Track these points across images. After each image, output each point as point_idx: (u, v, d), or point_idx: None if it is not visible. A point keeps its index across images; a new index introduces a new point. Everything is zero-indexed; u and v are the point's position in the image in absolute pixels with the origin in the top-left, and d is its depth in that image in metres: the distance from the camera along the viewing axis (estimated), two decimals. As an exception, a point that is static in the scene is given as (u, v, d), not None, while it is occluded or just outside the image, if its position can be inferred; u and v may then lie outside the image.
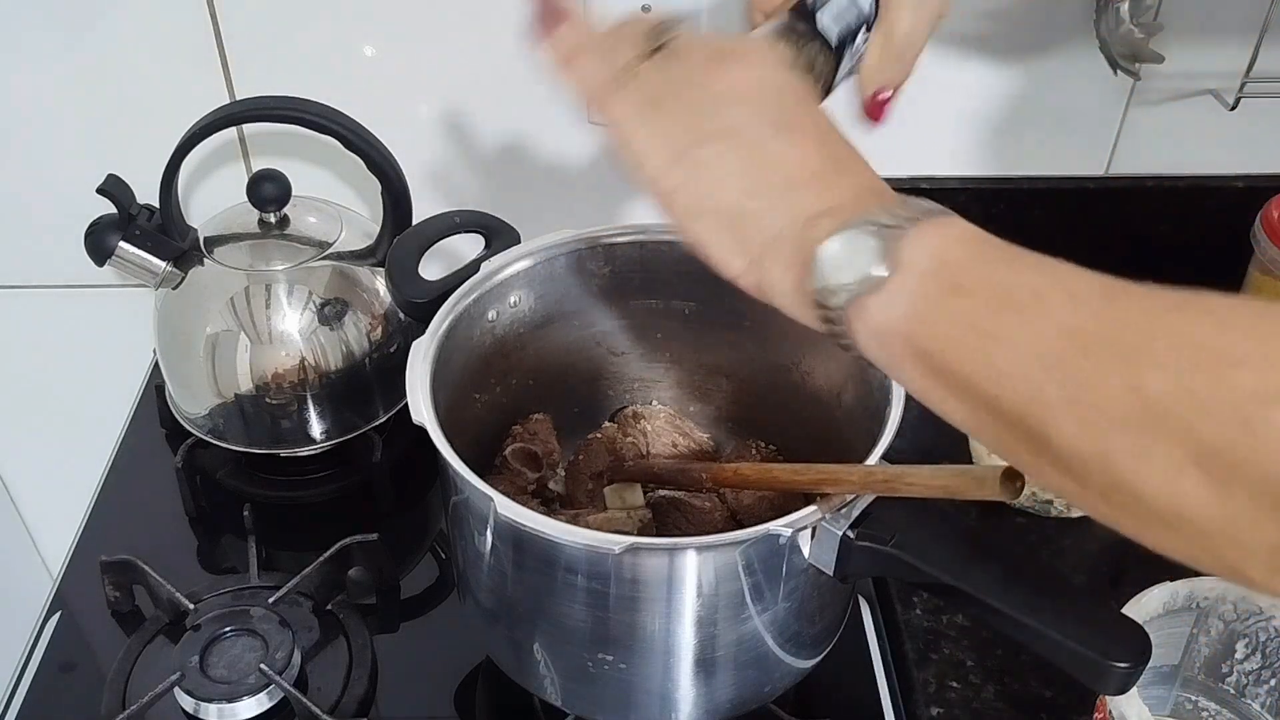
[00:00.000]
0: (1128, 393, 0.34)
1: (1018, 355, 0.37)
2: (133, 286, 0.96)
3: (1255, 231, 0.86)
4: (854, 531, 0.55)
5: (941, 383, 0.41)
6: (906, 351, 0.41)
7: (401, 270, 0.71)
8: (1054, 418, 0.36)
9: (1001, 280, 0.40)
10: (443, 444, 0.58)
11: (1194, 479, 0.32)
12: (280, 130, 0.80)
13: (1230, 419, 0.31)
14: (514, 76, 0.89)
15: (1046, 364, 0.36)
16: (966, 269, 0.40)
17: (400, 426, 0.86)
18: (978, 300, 0.39)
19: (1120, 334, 0.35)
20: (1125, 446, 0.34)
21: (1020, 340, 0.38)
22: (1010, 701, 0.70)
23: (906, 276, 0.41)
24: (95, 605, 0.78)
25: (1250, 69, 0.83)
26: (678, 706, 0.63)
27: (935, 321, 0.40)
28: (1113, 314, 0.36)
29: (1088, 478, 0.36)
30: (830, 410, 0.71)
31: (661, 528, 0.73)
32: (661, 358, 0.80)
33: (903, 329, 0.41)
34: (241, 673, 0.70)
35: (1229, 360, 0.32)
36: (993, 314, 0.39)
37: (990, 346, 0.38)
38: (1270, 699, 0.66)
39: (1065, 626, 0.50)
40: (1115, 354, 0.35)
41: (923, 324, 0.40)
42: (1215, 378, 0.32)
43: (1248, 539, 0.32)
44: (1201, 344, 0.33)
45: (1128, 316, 0.36)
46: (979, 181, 0.94)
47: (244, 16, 0.86)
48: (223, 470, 0.88)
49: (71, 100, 0.90)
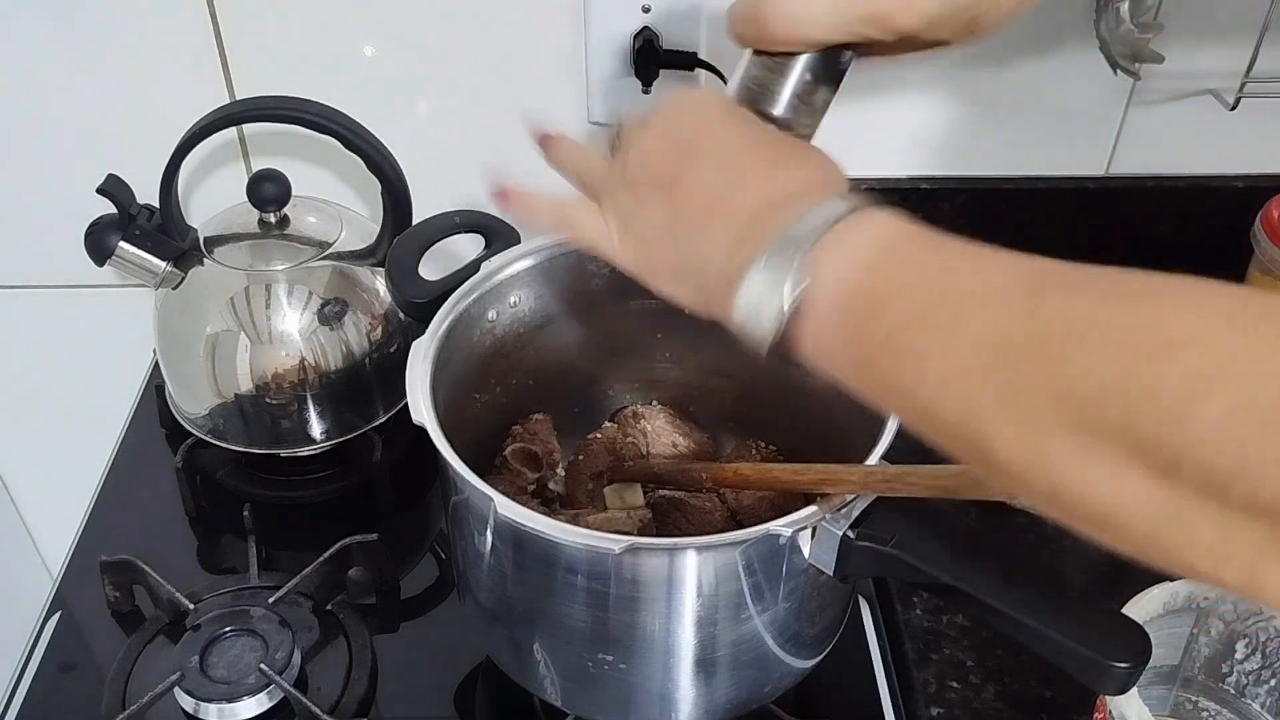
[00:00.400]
0: (1059, 398, 0.33)
1: (947, 370, 0.37)
2: (133, 286, 0.96)
3: (1255, 231, 0.86)
4: (854, 531, 0.55)
5: (885, 398, 0.41)
6: (844, 370, 0.42)
7: (401, 270, 0.71)
8: (991, 427, 0.36)
9: (919, 291, 0.40)
10: (443, 444, 0.58)
11: (1137, 477, 0.32)
12: (280, 130, 0.80)
13: (1169, 407, 0.31)
14: (514, 76, 0.89)
15: (977, 376, 0.36)
16: (882, 285, 0.41)
17: (400, 426, 0.86)
18: (899, 319, 0.40)
19: (1048, 333, 0.35)
20: (1064, 450, 0.33)
21: (947, 355, 0.37)
22: (1010, 701, 0.70)
23: (822, 308, 0.42)
24: (95, 605, 0.78)
25: (1250, 69, 0.83)
26: (678, 707, 0.63)
27: (862, 344, 0.41)
28: (1040, 312, 0.36)
29: (1031, 483, 0.35)
30: (830, 410, 0.71)
31: (661, 528, 0.73)
32: (661, 358, 0.80)
33: (836, 356, 0.42)
34: (241, 673, 0.70)
35: (1164, 345, 0.32)
36: (916, 332, 0.39)
37: (919, 364, 0.38)
38: (1270, 699, 0.66)
39: (1065, 626, 0.50)
40: (1045, 356, 0.34)
41: (850, 346, 0.41)
42: (1148, 368, 0.32)
43: (1193, 532, 0.31)
44: (1133, 332, 0.33)
45: (1055, 313, 0.35)
46: (979, 182, 0.94)
47: (244, 16, 0.86)
48: (223, 470, 0.88)
49: (71, 100, 0.90)
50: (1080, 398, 0.33)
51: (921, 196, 0.93)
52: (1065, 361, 0.34)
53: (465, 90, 0.90)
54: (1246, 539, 0.30)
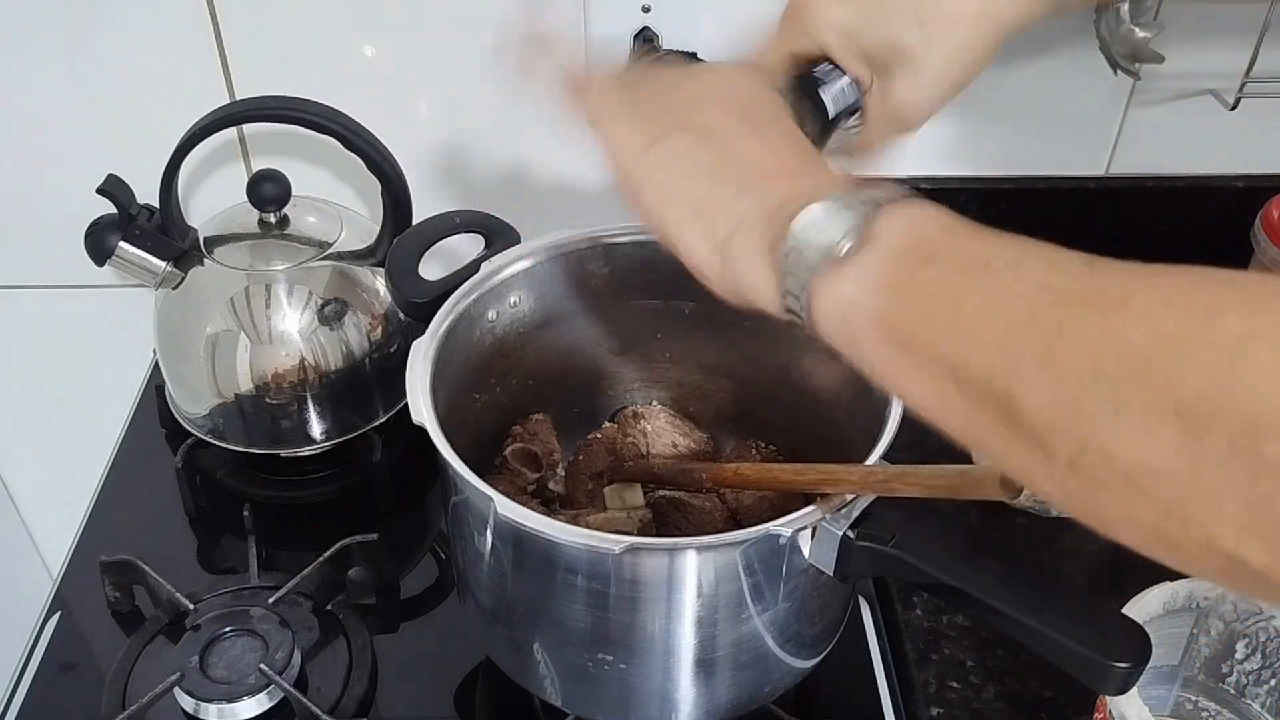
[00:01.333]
0: (1105, 342, 0.33)
1: (989, 314, 0.37)
2: (133, 286, 0.96)
3: (1255, 231, 0.86)
4: (854, 531, 0.55)
5: (906, 355, 0.40)
6: (870, 325, 0.41)
7: (401, 270, 0.71)
8: (1024, 376, 0.35)
9: (976, 248, 0.39)
10: (443, 444, 0.58)
11: (1169, 429, 0.31)
12: (280, 130, 0.80)
13: (1214, 360, 0.31)
14: (514, 76, 0.89)
15: (1020, 321, 0.36)
16: (939, 242, 0.40)
17: (400, 426, 0.86)
18: (950, 266, 0.39)
19: (1099, 290, 0.35)
20: (1099, 399, 0.33)
21: (993, 299, 0.37)
22: (1010, 701, 0.70)
23: (879, 249, 0.41)
24: (95, 605, 0.78)
25: (1250, 69, 0.83)
26: (678, 707, 0.63)
27: (905, 290, 0.40)
28: (1091, 275, 0.36)
29: (1055, 444, 0.35)
30: (830, 410, 0.71)
31: (661, 528, 0.73)
32: (661, 358, 0.80)
33: (869, 301, 0.41)
34: (241, 673, 0.70)
35: (1212, 307, 0.32)
36: (965, 277, 0.38)
37: (960, 308, 0.38)
38: (1270, 699, 0.66)
39: (1065, 626, 0.50)
40: (1093, 308, 0.34)
41: (892, 293, 0.40)
42: (1198, 322, 0.32)
43: (1221, 495, 0.31)
44: (1183, 297, 0.33)
45: (1107, 277, 0.35)
46: (979, 181, 0.94)
47: (244, 16, 0.86)
48: (223, 470, 0.88)
49: (71, 100, 0.90)
50: (1124, 346, 0.33)
51: (921, 196, 0.93)
52: (1114, 313, 0.33)
53: (465, 90, 0.90)
54: (1274, 508, 0.30)
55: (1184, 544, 0.33)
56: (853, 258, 0.41)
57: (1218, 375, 0.30)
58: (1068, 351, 0.34)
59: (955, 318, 0.38)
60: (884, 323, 0.40)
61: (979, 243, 0.40)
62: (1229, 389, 0.30)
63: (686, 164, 0.48)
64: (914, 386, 0.40)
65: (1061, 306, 0.35)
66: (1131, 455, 0.32)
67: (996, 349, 0.36)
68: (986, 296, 0.37)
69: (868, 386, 0.65)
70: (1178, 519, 0.32)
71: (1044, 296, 0.36)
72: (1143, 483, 0.32)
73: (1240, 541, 0.31)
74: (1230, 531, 0.31)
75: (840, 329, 0.42)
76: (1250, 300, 0.32)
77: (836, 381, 0.70)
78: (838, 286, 0.41)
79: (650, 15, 0.84)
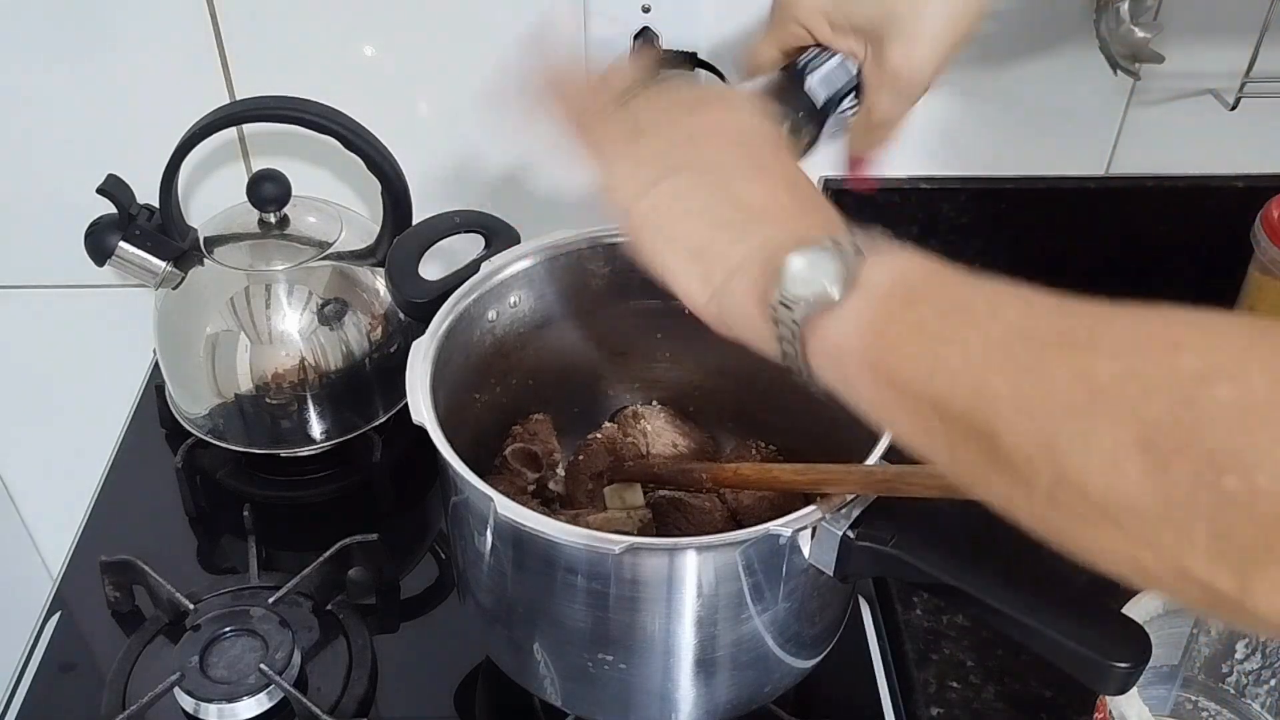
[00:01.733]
0: (1075, 380, 0.35)
1: (968, 354, 0.38)
2: (133, 286, 0.96)
3: (1255, 231, 0.86)
4: (854, 531, 0.55)
5: (892, 393, 0.41)
6: (859, 366, 0.42)
7: (401, 270, 0.71)
8: (1001, 412, 0.37)
9: (956, 293, 0.41)
10: (443, 444, 0.58)
11: (1136, 463, 0.33)
12: (280, 130, 0.80)
13: (1174, 397, 0.32)
14: (514, 76, 0.89)
15: (996, 360, 0.37)
16: (923, 286, 0.42)
17: (400, 426, 0.86)
18: (932, 309, 0.41)
19: (1070, 330, 0.37)
20: (1071, 434, 0.34)
21: (971, 340, 0.39)
22: (1010, 702, 0.70)
23: (865, 295, 0.42)
24: (95, 605, 0.78)
25: (1250, 69, 0.83)
26: (678, 707, 0.63)
27: (889, 332, 0.41)
28: (1063, 315, 0.37)
29: (1033, 477, 0.36)
30: (830, 410, 0.70)
31: (661, 528, 0.73)
32: (661, 358, 0.80)
33: (856, 344, 0.42)
34: (241, 673, 0.70)
35: (1175, 345, 0.33)
36: (946, 320, 0.40)
37: (941, 349, 0.39)
38: (1270, 699, 0.66)
39: (1065, 626, 0.50)
40: (1064, 347, 0.36)
41: (877, 336, 0.42)
42: (1161, 361, 0.33)
43: (1187, 522, 0.32)
44: (1147, 336, 0.34)
45: (1078, 317, 0.37)
46: (979, 181, 0.94)
47: (244, 16, 0.86)
48: (223, 470, 0.88)
49: (71, 100, 0.90)
50: (1093, 383, 0.34)
51: (922, 196, 0.93)
52: (1084, 352, 0.35)
53: (465, 90, 0.90)
54: (1240, 538, 0.31)
55: (1158, 573, 0.34)
56: (841, 304, 0.42)
57: (1179, 411, 0.32)
58: (1041, 389, 0.36)
59: (937, 358, 0.39)
60: (872, 364, 0.42)
61: (960, 287, 0.41)
62: (1189, 424, 0.32)
63: (684, 207, 0.49)
64: (904, 424, 0.42)
65: (1035, 347, 0.37)
66: (1103, 488, 0.34)
67: (976, 387, 0.38)
68: (966, 338, 0.39)
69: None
70: (1150, 549, 0.33)
71: (1019, 337, 0.37)
72: (1115, 515, 0.34)
73: (1210, 570, 0.32)
74: (1200, 561, 0.32)
75: (833, 372, 0.44)
76: (1209, 338, 0.33)
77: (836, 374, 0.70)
78: (828, 333, 0.43)
79: (650, 15, 0.84)
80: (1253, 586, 0.31)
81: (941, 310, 0.40)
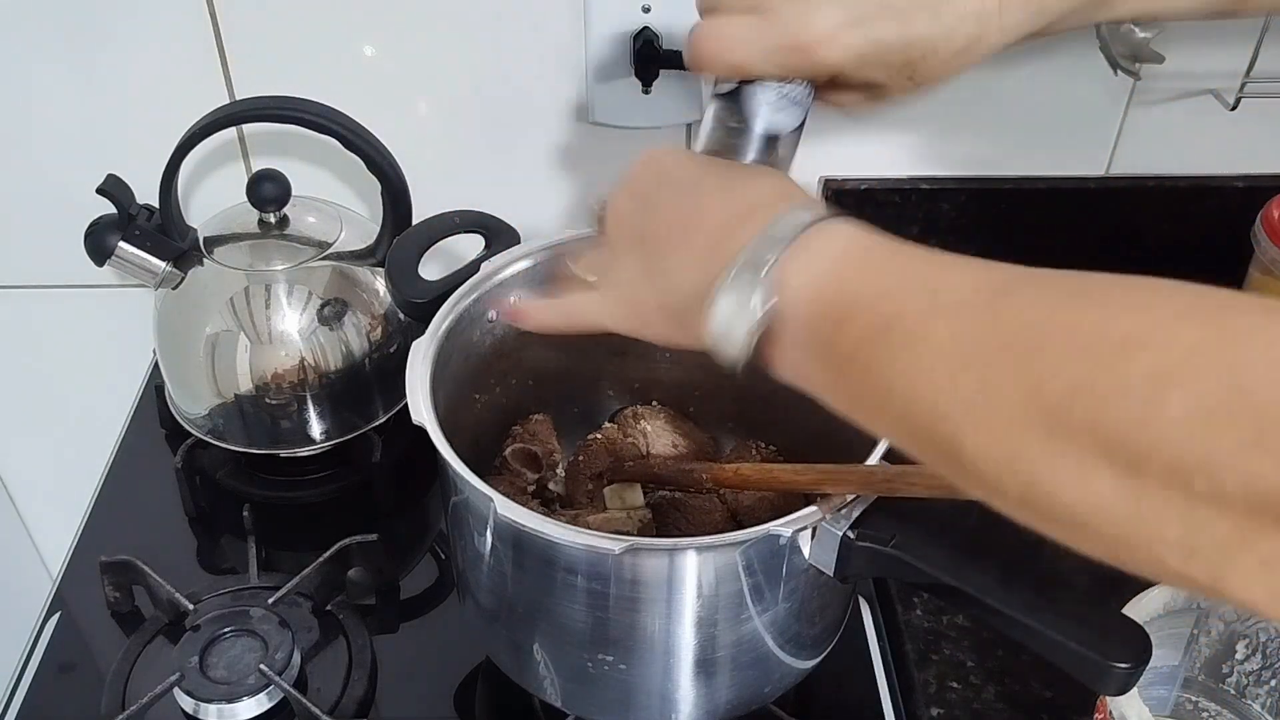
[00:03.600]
0: (1028, 397, 0.34)
1: (914, 378, 0.38)
2: (133, 286, 0.96)
3: (1255, 231, 0.86)
4: (854, 532, 0.55)
5: (857, 409, 0.42)
6: (818, 386, 0.43)
7: (401, 270, 0.71)
8: (961, 427, 0.36)
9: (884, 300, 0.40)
10: (443, 444, 0.58)
11: (1105, 475, 0.32)
12: (280, 130, 0.80)
13: (1131, 406, 0.31)
14: (514, 76, 0.89)
15: (944, 381, 0.37)
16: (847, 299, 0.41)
17: (400, 426, 0.86)
18: (864, 332, 0.40)
19: (1012, 337, 0.35)
20: (1034, 451, 0.34)
21: (914, 363, 0.38)
22: (1010, 702, 0.70)
23: (790, 325, 0.43)
24: (95, 605, 0.78)
25: (1250, 69, 0.83)
26: (678, 707, 0.63)
27: (830, 358, 0.42)
28: (1003, 317, 0.36)
29: (1003, 488, 0.36)
30: (830, 410, 0.71)
31: (661, 528, 0.73)
32: (661, 358, 0.80)
33: (806, 370, 0.43)
34: (241, 673, 0.70)
35: (1125, 345, 0.32)
36: (881, 344, 0.39)
37: (886, 374, 0.39)
38: (1271, 699, 0.66)
39: (1065, 626, 0.50)
40: (1009, 360, 0.35)
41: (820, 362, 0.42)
42: (1112, 367, 0.32)
43: (1161, 529, 0.32)
44: (1096, 334, 0.33)
45: (1018, 317, 0.36)
46: (980, 181, 0.94)
47: (244, 16, 0.86)
48: (223, 470, 0.88)
49: (71, 100, 0.89)
50: (1047, 399, 0.33)
51: (921, 196, 0.93)
52: (1030, 364, 0.34)
53: (465, 90, 0.90)
54: (1212, 533, 0.31)
55: (1136, 566, 0.34)
56: (772, 342, 0.44)
57: (1134, 427, 0.31)
58: (994, 408, 0.35)
59: (884, 382, 0.39)
60: (824, 388, 0.43)
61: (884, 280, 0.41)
62: (1150, 432, 0.31)
63: (631, 279, 0.52)
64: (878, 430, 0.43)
65: (978, 364, 0.36)
66: (1072, 500, 0.33)
67: (929, 407, 0.37)
68: (906, 364, 0.38)
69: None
70: (1125, 549, 0.33)
71: (958, 356, 0.36)
72: (1088, 520, 0.34)
73: (1185, 563, 0.32)
74: (1175, 556, 0.32)
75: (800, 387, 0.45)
76: (1163, 331, 0.32)
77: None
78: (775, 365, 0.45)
79: (650, 15, 0.84)
80: (1227, 577, 0.31)
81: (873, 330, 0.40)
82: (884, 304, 0.40)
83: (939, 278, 0.39)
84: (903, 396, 0.38)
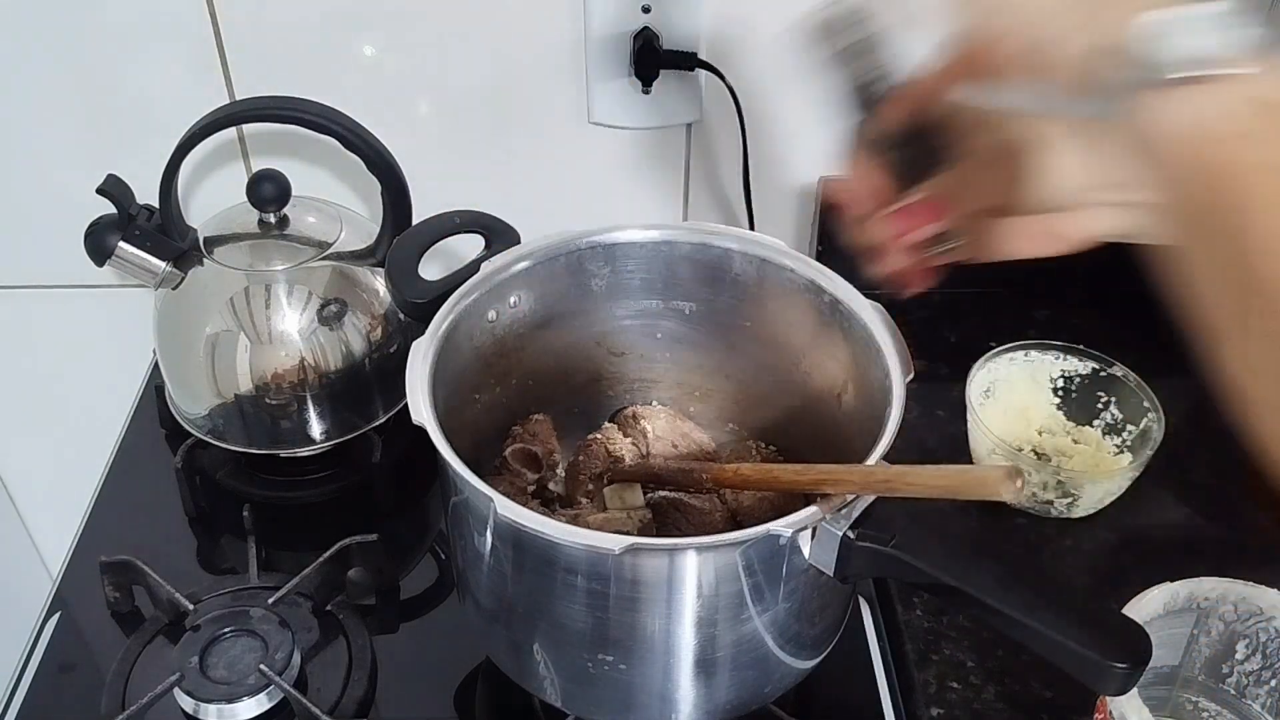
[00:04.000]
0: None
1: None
2: (133, 286, 0.96)
3: (1256, 231, 0.86)
4: (854, 532, 0.55)
5: (1198, 212, 0.36)
6: (1192, 161, 0.37)
7: (401, 270, 0.71)
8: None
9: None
10: (443, 444, 0.58)
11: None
12: (280, 130, 0.80)
13: None
14: (514, 76, 0.89)
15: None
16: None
17: (400, 426, 0.86)
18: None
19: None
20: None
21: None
22: (1010, 702, 0.70)
23: (1261, 83, 0.36)
24: (95, 605, 0.78)
25: None
26: (678, 707, 0.63)
27: (1260, 145, 0.35)
28: None
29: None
30: (830, 410, 0.71)
31: (661, 528, 0.73)
32: (661, 358, 0.80)
33: (1215, 130, 0.36)
34: (241, 673, 0.70)
35: None
36: None
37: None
38: (1271, 700, 0.66)
39: (1065, 627, 0.50)
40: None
41: (1244, 141, 0.36)
42: None
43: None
44: None
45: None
46: (979, 181, 0.94)
47: (244, 16, 0.86)
48: (223, 470, 0.88)
49: (71, 100, 0.90)
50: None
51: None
52: None
53: (465, 90, 0.90)
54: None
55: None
56: (1222, 80, 0.37)
57: None
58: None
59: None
60: (1204, 166, 0.36)
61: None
62: None
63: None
64: (1202, 265, 0.37)
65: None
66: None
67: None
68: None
69: (868, 386, 0.66)
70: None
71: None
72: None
73: None
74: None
75: (1144, 154, 0.38)
76: None
77: (836, 381, 0.70)
78: (1179, 108, 0.37)
79: (650, 15, 0.84)
80: None
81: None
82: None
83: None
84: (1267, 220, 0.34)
